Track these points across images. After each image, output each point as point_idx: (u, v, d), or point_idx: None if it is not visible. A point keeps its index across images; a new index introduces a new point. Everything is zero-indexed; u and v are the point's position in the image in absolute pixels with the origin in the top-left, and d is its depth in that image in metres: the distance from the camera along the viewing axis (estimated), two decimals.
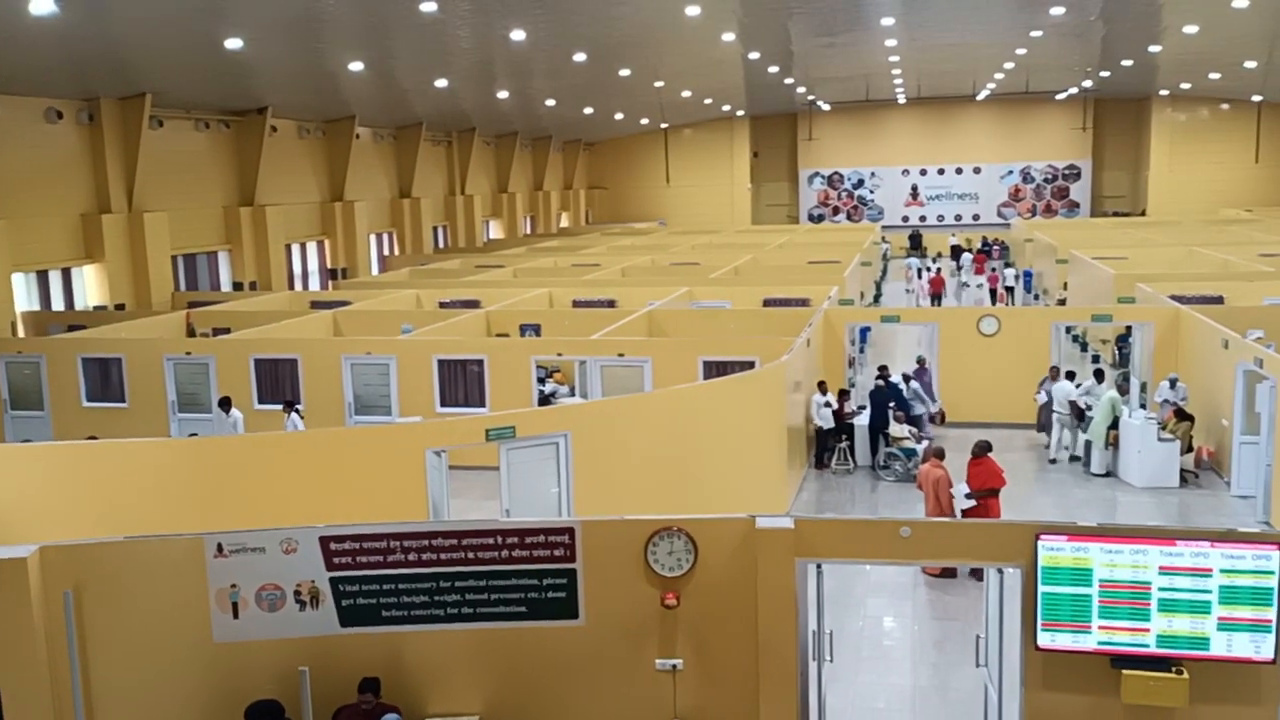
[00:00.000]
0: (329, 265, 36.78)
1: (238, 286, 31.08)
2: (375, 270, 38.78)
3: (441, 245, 45.21)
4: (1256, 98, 49.16)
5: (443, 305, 24.48)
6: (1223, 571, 7.47)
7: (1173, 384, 17.25)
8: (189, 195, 29.58)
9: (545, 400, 18.68)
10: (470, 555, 8.13)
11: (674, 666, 8.19)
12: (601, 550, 8.14)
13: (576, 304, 24.17)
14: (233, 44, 23.38)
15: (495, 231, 51.26)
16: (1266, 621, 7.41)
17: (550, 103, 44.20)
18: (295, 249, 35.16)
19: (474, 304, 23.96)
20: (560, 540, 8.13)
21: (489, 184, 50.56)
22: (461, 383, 18.47)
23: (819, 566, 8.30)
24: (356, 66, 28.93)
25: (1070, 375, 18.01)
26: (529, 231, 53.97)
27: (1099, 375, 18.07)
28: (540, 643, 8.19)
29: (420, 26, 25.86)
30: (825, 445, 17.39)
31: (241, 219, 31.33)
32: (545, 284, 26.19)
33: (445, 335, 19.84)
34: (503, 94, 39.31)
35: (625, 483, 12.82)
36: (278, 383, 18.87)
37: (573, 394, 19.33)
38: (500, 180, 51.22)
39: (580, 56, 33.15)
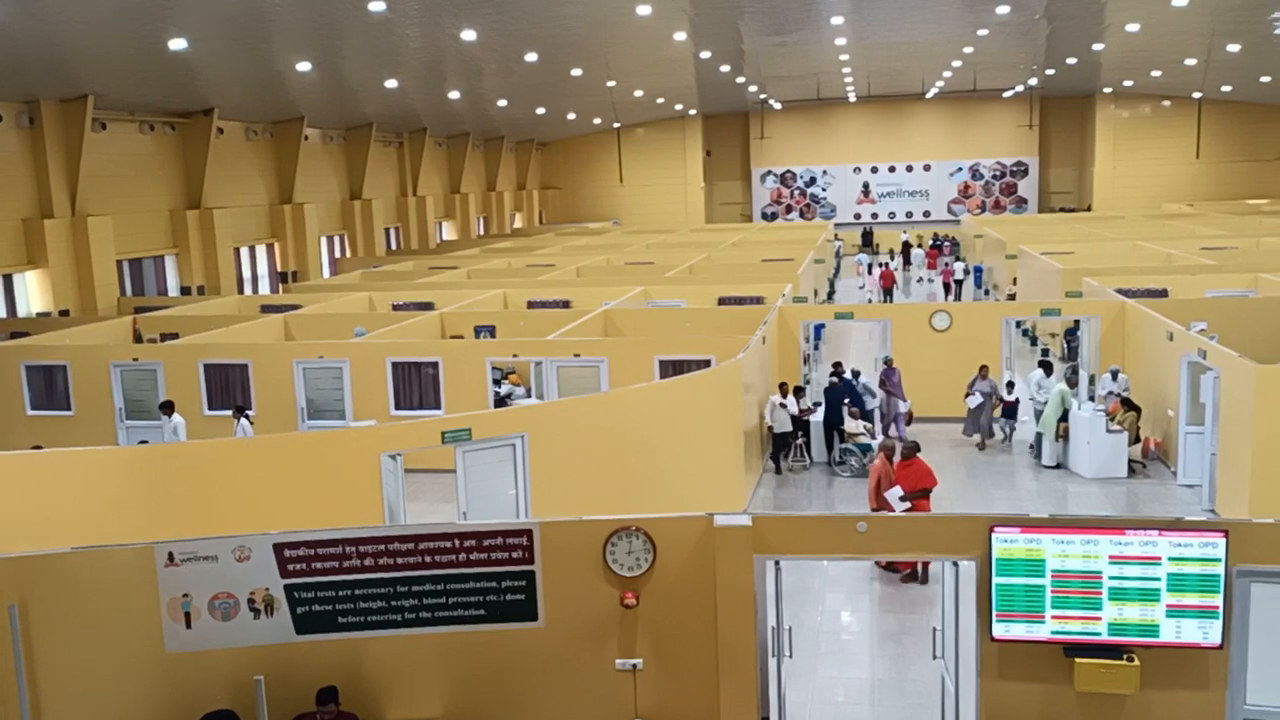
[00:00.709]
0: (279, 268, 36.34)
1: (185, 291, 30.60)
2: (327, 273, 38.37)
3: (394, 247, 44.85)
4: (1196, 94, 50.19)
5: (396, 308, 24.28)
6: (1171, 559, 7.61)
7: (1114, 375, 17.57)
8: (134, 199, 29.07)
9: (501, 402, 18.59)
10: (427, 559, 8.07)
11: (634, 666, 8.19)
12: (560, 551, 8.12)
13: (531, 305, 24.08)
14: (177, 44, 23.01)
15: (448, 233, 50.95)
16: (1213, 608, 7.57)
17: (502, 103, 44.03)
18: (244, 252, 34.69)
19: (428, 306, 23.79)
20: (518, 542, 8.09)
21: (441, 185, 50.25)
22: (416, 385, 18.33)
23: (777, 563, 8.33)
24: (304, 67, 28.61)
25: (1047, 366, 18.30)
26: (482, 232, 53.71)
27: (1047, 369, 18.34)
28: (500, 645, 8.15)
29: (369, 26, 25.63)
30: (780, 447, 17.19)
31: (188, 222, 30.85)
32: (500, 285, 26.08)
33: (399, 338, 19.68)
34: (454, 94, 39.09)
35: (583, 483, 12.80)
36: (228, 388, 18.60)
37: (529, 395, 19.25)
38: (453, 181, 50.92)
39: (532, 56, 33.05)
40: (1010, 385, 18.28)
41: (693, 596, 8.13)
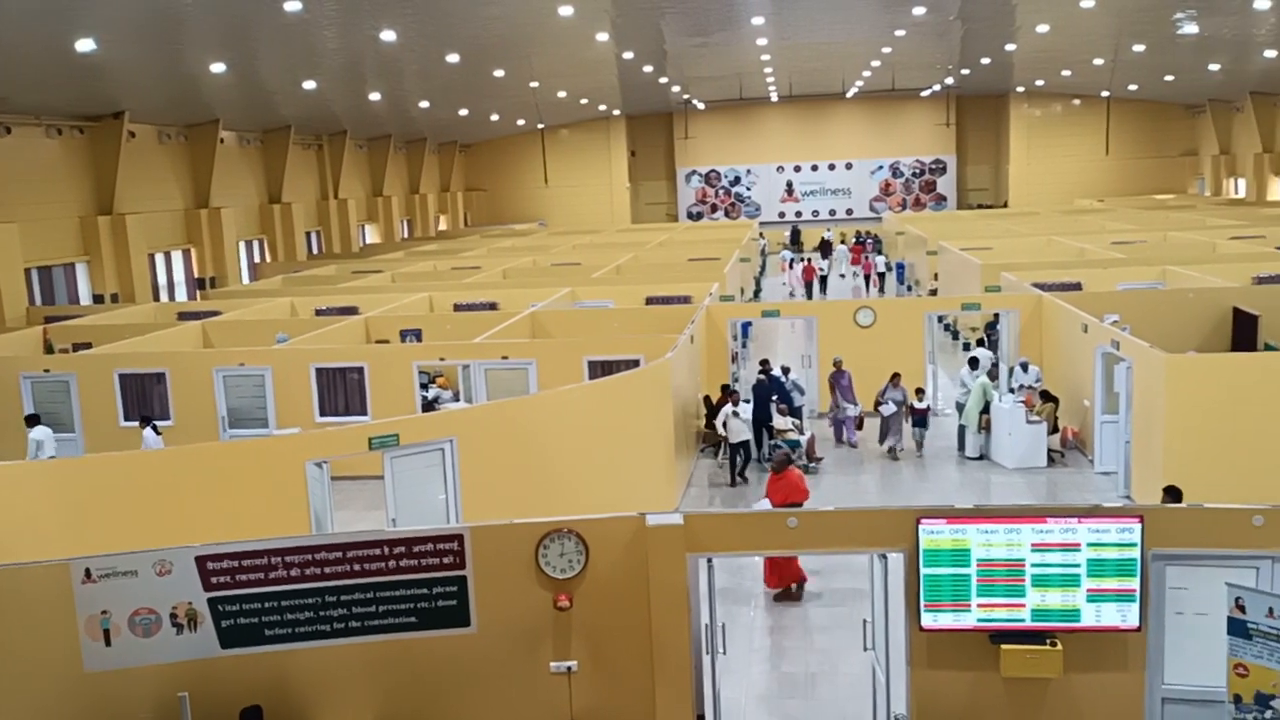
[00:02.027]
0: (196, 275, 35.46)
1: (98, 299, 29.68)
2: (246, 279, 37.55)
3: (315, 251, 44.09)
4: (1105, 93, 51.68)
5: (319, 313, 23.88)
6: (1090, 545, 7.83)
7: (1024, 367, 17.98)
8: (42, 205, 28.10)
9: (429, 406, 18.40)
10: (356, 568, 7.95)
11: (569, 668, 8.16)
12: (492, 555, 8.06)
13: (458, 308, 23.88)
14: (84, 46, 22.28)
15: (371, 236, 50.26)
16: (1131, 591, 7.80)
17: (424, 104, 43.58)
18: (159, 259, 33.77)
19: (352, 311, 23.46)
20: (449, 547, 8.01)
21: (363, 188, 49.55)
22: (341, 391, 18.05)
23: (709, 560, 8.38)
24: (219, 68, 27.95)
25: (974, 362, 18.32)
26: (406, 235, 53.09)
27: (974, 363, 18.48)
28: (432, 653, 8.06)
29: (285, 26, 25.15)
30: (737, 457, 16.64)
31: (100, 228, 29.92)
32: (425, 288, 25.80)
33: (323, 344, 19.36)
34: (374, 96, 38.56)
35: (514, 486, 12.72)
36: (145, 399, 18.11)
37: (457, 399, 19.08)
38: (375, 184, 50.24)
39: (453, 57, 32.75)
40: (920, 392, 17.92)
41: (626, 596, 8.13)
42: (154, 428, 15.72)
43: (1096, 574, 7.83)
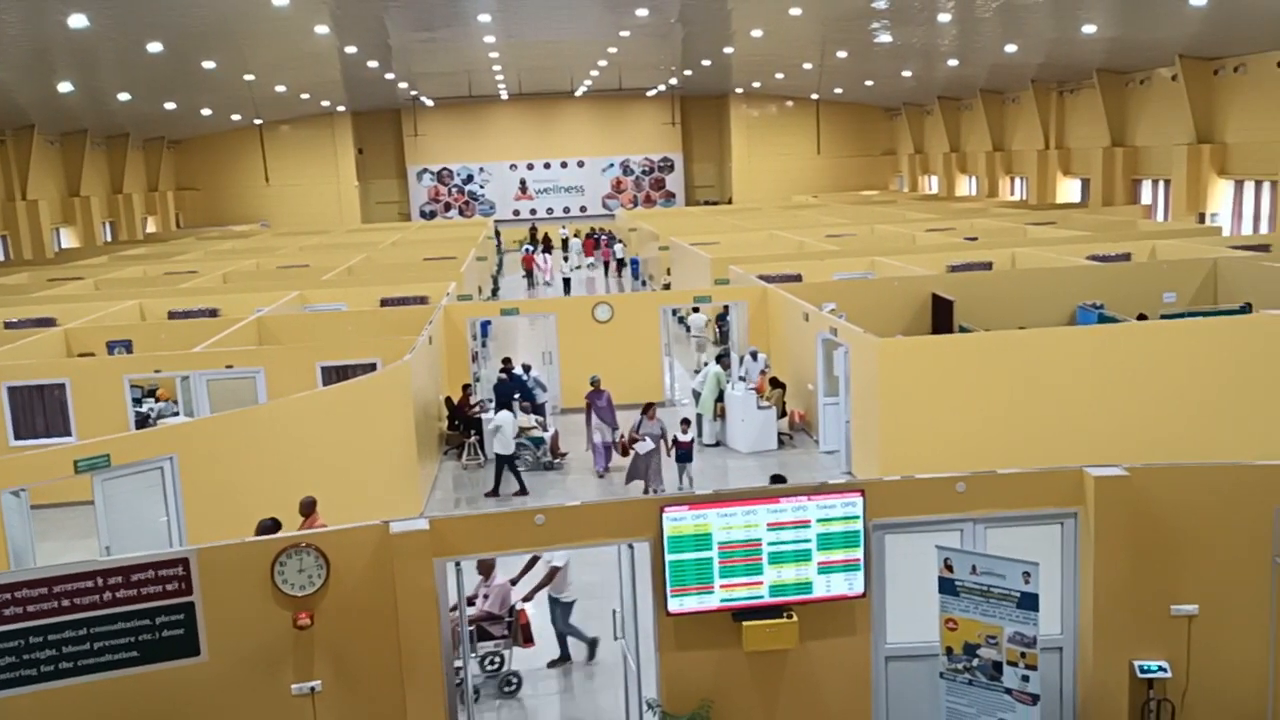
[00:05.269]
0: None
1: None
2: None
3: (3, 258, 39.83)
4: (814, 96, 55.18)
5: (9, 325, 21.57)
6: (819, 521, 8.31)
7: (754, 355, 18.92)
8: None
9: (146, 422, 17.04)
10: (65, 603, 7.25)
11: (312, 689, 7.80)
12: (222, 578, 7.58)
13: (173, 315, 22.30)
14: None
15: (69, 240, 45.93)
16: (856, 561, 8.34)
17: (124, 97, 40.22)
18: None
19: (49, 322, 21.39)
20: (173, 573, 7.46)
21: (57, 188, 45.19)
22: (40, 411, 16.40)
23: (458, 564, 8.24)
24: None
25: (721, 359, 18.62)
26: (110, 239, 48.91)
27: (723, 362, 18.98)
28: (157, 687, 7.47)
29: None
30: (502, 471, 15.93)
31: None
32: (134, 295, 23.90)
33: (16, 359, 17.50)
34: (65, 87, 35.20)
35: (247, 502, 11.96)
36: None
37: (179, 413, 17.78)
38: (70, 184, 45.90)
39: (155, 47, 30.40)
40: (685, 423, 15.73)
41: (372, 607, 7.87)
42: None
43: (826, 547, 8.32)
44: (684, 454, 15.41)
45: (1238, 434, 14.06)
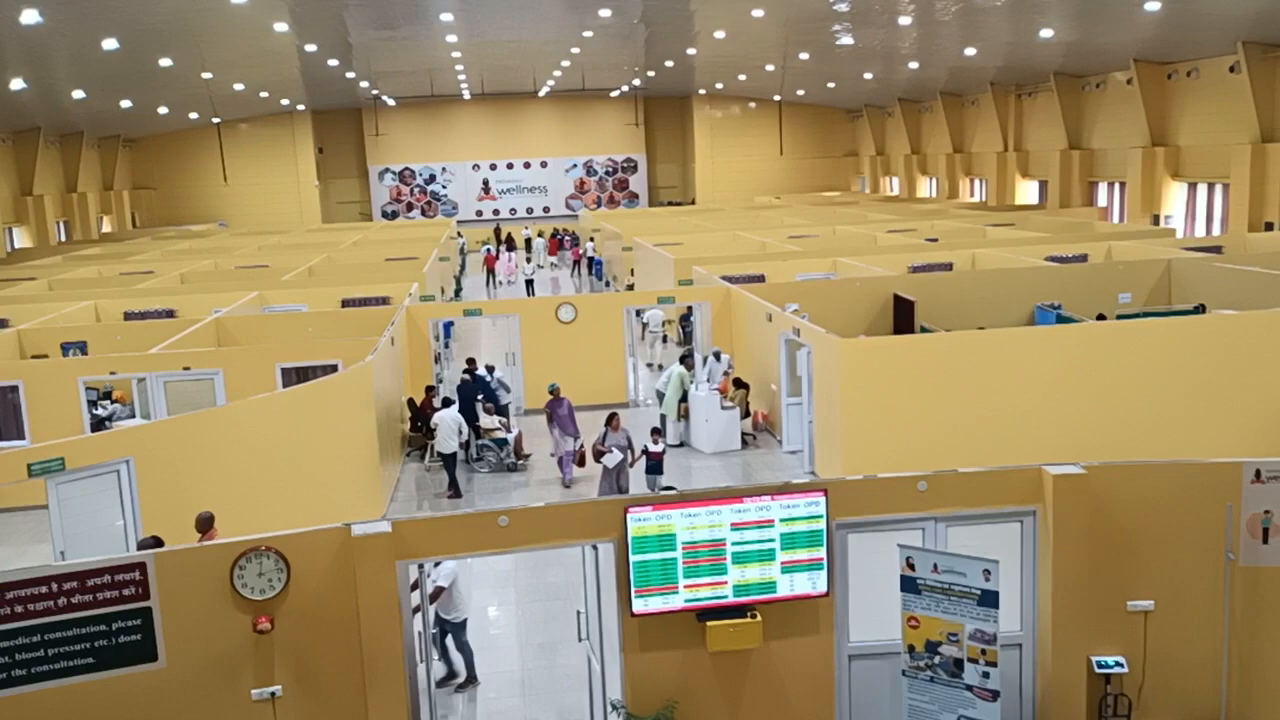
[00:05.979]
0: None
1: None
2: None
3: None
4: (777, 97, 55.46)
5: None
6: (782, 520, 8.34)
7: (717, 356, 18.97)
8: None
9: (101, 425, 16.77)
10: (18, 610, 7.12)
11: (272, 694, 7.72)
12: (180, 582, 7.47)
13: (129, 316, 21.96)
14: None
15: (21, 240, 45.11)
16: (819, 560, 8.39)
17: (79, 94, 39.57)
18: None
19: (1, 323, 21.00)
20: (130, 578, 7.35)
21: (9, 187, 44.37)
22: None
23: (420, 566, 8.18)
24: None
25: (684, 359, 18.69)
26: (64, 239, 48.10)
27: (688, 362, 18.95)
28: (114, 695, 7.36)
29: None
30: (452, 469, 16.09)
31: None
32: (89, 296, 23.52)
33: None
34: (17, 84, 34.56)
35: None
36: None
37: (134, 415, 17.52)
38: (23, 182, 45.08)
39: (111, 43, 29.92)
40: (656, 432, 14.99)
41: (334, 611, 7.80)
42: None
43: (789, 546, 8.35)
44: (654, 465, 14.70)
45: (1192, 432, 14.32)
